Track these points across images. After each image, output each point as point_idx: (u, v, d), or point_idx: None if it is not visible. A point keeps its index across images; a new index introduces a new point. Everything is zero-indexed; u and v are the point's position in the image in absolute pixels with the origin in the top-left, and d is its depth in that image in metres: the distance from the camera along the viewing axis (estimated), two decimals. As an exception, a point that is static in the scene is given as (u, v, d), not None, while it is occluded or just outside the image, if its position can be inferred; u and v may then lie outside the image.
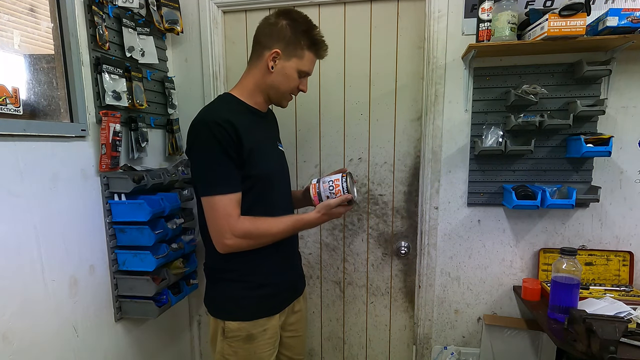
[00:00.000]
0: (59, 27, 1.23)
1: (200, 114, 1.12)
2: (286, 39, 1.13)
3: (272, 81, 1.16)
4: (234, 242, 1.08)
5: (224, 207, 1.06)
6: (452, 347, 1.75)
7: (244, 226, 1.08)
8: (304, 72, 1.18)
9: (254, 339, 1.17)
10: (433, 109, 1.61)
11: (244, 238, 1.09)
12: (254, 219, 1.11)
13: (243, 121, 1.11)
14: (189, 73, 1.80)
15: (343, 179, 1.17)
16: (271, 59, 1.13)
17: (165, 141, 1.76)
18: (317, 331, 1.97)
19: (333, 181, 1.17)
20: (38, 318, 1.15)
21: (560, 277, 1.34)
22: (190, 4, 1.74)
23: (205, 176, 1.07)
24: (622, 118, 1.50)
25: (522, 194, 1.47)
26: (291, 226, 1.16)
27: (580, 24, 1.26)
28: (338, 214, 1.18)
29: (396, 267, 1.84)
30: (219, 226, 1.08)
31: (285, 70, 1.15)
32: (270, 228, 1.12)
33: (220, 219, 1.07)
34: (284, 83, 1.17)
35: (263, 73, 1.16)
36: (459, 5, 1.54)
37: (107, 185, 1.37)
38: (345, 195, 1.16)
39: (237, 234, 1.07)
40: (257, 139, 1.15)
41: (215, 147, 1.04)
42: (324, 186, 1.18)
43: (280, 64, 1.14)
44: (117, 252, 1.42)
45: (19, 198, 1.09)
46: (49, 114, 1.22)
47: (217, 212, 1.07)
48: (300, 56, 1.15)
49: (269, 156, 1.22)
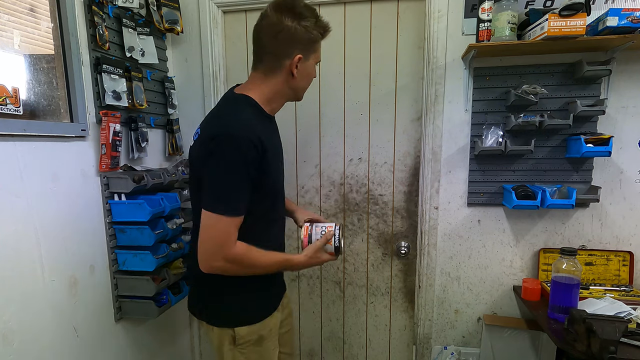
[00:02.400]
0: (59, 27, 1.23)
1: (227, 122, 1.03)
2: (304, 41, 1.07)
3: (297, 84, 1.13)
4: (221, 265, 1.02)
5: (226, 229, 1.00)
6: (452, 347, 1.75)
7: (237, 251, 1.02)
8: (318, 62, 1.16)
9: (264, 340, 1.16)
10: (433, 109, 1.61)
11: (232, 263, 1.03)
12: (249, 247, 1.05)
13: (265, 131, 1.08)
14: (189, 73, 1.80)
15: (337, 227, 1.18)
16: (295, 66, 1.07)
17: (165, 141, 1.76)
18: (317, 331, 1.97)
19: (327, 227, 1.19)
20: (38, 318, 1.15)
21: (560, 277, 1.34)
22: (190, 4, 1.74)
23: (219, 192, 1.01)
24: (622, 118, 1.50)
25: (522, 194, 1.47)
26: (279, 264, 1.13)
27: (580, 24, 1.26)
28: (323, 260, 1.18)
29: (396, 267, 1.84)
30: (213, 246, 1.01)
31: (307, 69, 1.12)
32: (260, 260, 1.08)
33: (217, 239, 1.01)
34: (307, 81, 1.16)
35: (285, 80, 1.10)
36: (459, 5, 1.54)
37: (107, 185, 1.37)
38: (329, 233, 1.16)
39: (227, 258, 1.02)
40: (274, 150, 1.13)
41: (240, 167, 0.99)
42: (316, 230, 1.19)
43: (302, 66, 1.09)
44: (117, 252, 1.42)
45: (19, 198, 1.09)
46: (49, 114, 1.22)
47: (218, 231, 1.00)
48: (316, 49, 1.12)
49: (280, 165, 1.21)
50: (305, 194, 1.87)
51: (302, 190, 1.87)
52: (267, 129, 1.12)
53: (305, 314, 1.97)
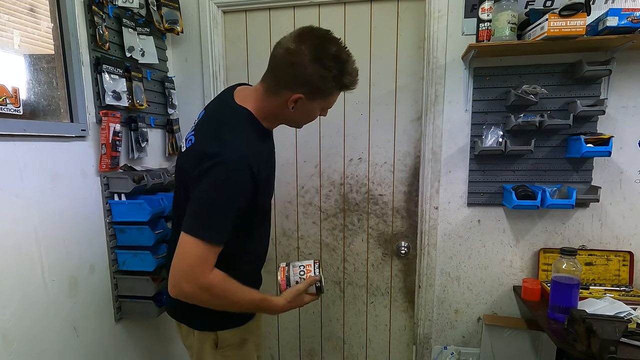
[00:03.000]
0: (59, 27, 1.23)
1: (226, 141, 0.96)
2: (312, 86, 0.98)
3: (292, 116, 1.06)
4: (191, 291, 0.94)
5: (201, 253, 0.93)
6: (452, 347, 1.75)
7: (212, 279, 0.94)
8: (327, 109, 1.09)
9: (246, 343, 1.15)
10: (433, 109, 1.61)
11: (204, 291, 0.95)
12: (226, 277, 0.97)
13: (263, 151, 1.04)
14: (189, 73, 1.80)
15: (316, 265, 1.11)
16: (292, 102, 1.00)
17: (165, 141, 1.76)
18: (317, 331, 1.97)
19: (305, 266, 1.11)
20: (38, 318, 1.15)
21: (560, 277, 1.34)
22: (190, 4, 1.74)
23: (204, 217, 0.94)
24: (622, 118, 1.50)
25: (522, 194, 1.47)
26: (256, 304, 1.05)
27: (580, 24, 1.26)
28: (304, 303, 1.11)
29: (396, 267, 1.84)
30: (187, 268, 0.93)
31: (307, 109, 1.04)
32: (234, 295, 1.00)
33: (191, 261, 0.93)
34: (304, 119, 1.09)
35: (281, 108, 1.03)
36: (459, 5, 1.54)
37: (107, 185, 1.37)
38: (313, 277, 1.08)
39: (200, 285, 0.94)
40: (269, 171, 1.09)
41: (232, 197, 0.94)
42: (294, 271, 1.10)
43: (302, 104, 1.01)
44: (117, 252, 1.42)
45: (19, 198, 1.09)
46: (49, 114, 1.22)
47: (192, 255, 0.93)
48: (327, 97, 1.03)
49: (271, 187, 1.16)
50: (305, 194, 1.87)
51: (302, 190, 1.87)
52: (266, 149, 1.08)
53: (305, 314, 1.97)
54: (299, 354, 2.02)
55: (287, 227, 1.91)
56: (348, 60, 1.00)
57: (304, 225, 1.90)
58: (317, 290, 1.11)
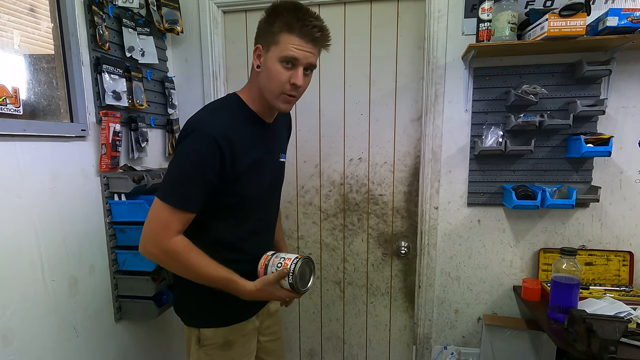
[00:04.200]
0: (59, 27, 1.23)
1: (202, 116, 1.03)
2: (263, 30, 1.02)
3: (262, 81, 1.03)
4: (155, 253, 0.99)
5: (166, 217, 0.97)
6: (452, 347, 1.75)
7: (173, 245, 0.98)
8: (284, 58, 0.98)
9: (232, 345, 1.12)
10: (433, 109, 1.61)
11: (166, 255, 0.99)
12: (191, 247, 0.99)
13: (244, 136, 1.03)
14: (189, 73, 1.80)
15: (296, 260, 1.05)
16: (256, 56, 1.04)
17: (165, 141, 1.76)
18: (317, 331, 1.97)
19: (285, 259, 1.06)
20: (38, 318, 1.15)
21: (560, 277, 1.34)
22: (190, 4, 1.74)
23: (170, 181, 1.00)
24: (622, 118, 1.50)
25: (522, 194, 1.47)
26: (221, 281, 1.03)
27: (580, 24, 1.26)
28: (278, 297, 1.08)
29: (396, 267, 1.84)
30: (150, 231, 0.99)
31: (267, 63, 1.00)
32: (197, 265, 1.00)
33: (156, 225, 0.98)
34: (271, 79, 1.01)
35: (256, 75, 1.05)
36: (459, 5, 1.54)
37: (107, 185, 1.37)
38: (282, 270, 1.03)
39: (161, 248, 0.98)
40: (254, 158, 1.06)
41: (196, 164, 0.97)
42: (274, 261, 1.07)
43: (263, 60, 1.02)
44: (117, 252, 1.42)
45: (19, 198, 1.09)
46: (49, 114, 1.22)
47: (158, 219, 0.98)
48: (277, 42, 0.98)
49: (262, 177, 1.11)
50: (305, 194, 1.87)
51: (302, 190, 1.87)
52: (250, 132, 1.06)
53: (305, 314, 1.97)
54: (299, 354, 2.02)
55: (287, 227, 1.91)
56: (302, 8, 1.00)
57: (304, 225, 1.90)
58: (290, 286, 1.04)
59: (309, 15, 1.00)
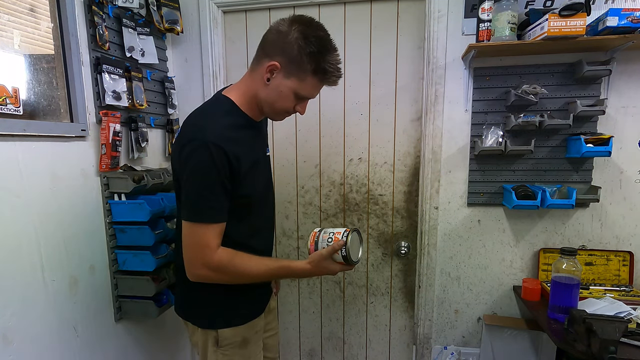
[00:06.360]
0: (59, 27, 1.23)
1: (202, 123, 1.01)
2: (290, 56, 0.97)
3: (266, 96, 1.03)
4: (205, 273, 1.01)
5: (202, 237, 0.98)
6: (452, 347, 1.75)
7: (219, 259, 0.99)
8: (302, 96, 1.03)
9: (248, 343, 1.14)
10: (433, 109, 1.61)
11: (217, 272, 1.00)
12: (234, 253, 1.02)
13: (243, 139, 1.03)
14: (189, 73, 1.80)
15: (346, 233, 1.07)
16: (268, 70, 1.00)
17: (165, 141, 1.76)
18: (317, 331, 1.97)
19: (335, 233, 1.08)
20: (38, 318, 1.15)
21: (560, 277, 1.34)
22: (190, 4, 1.74)
23: (193, 200, 0.98)
24: (622, 118, 1.50)
25: (522, 194, 1.47)
26: (275, 272, 1.08)
27: (580, 24, 1.26)
28: (332, 270, 1.08)
29: (396, 267, 1.84)
30: (193, 255, 1.00)
31: (280, 87, 1.01)
32: (248, 268, 1.03)
33: (196, 248, 0.99)
34: (278, 101, 1.03)
35: (259, 83, 1.03)
36: (459, 5, 1.54)
37: (107, 185, 1.37)
38: (336, 243, 1.05)
39: (210, 266, 0.99)
40: (253, 159, 1.07)
41: (212, 174, 0.96)
42: (323, 237, 1.09)
43: (277, 79, 1.00)
44: (117, 252, 1.42)
45: (19, 198, 1.09)
46: (49, 114, 1.22)
47: (195, 240, 0.99)
48: (302, 79, 0.99)
49: (260, 176, 1.14)
50: (305, 194, 1.87)
51: (302, 190, 1.87)
52: (246, 135, 1.06)
53: (305, 314, 1.97)
54: (299, 354, 2.02)
55: (287, 227, 1.91)
56: (331, 48, 1.00)
57: (304, 225, 1.90)
58: (343, 259, 1.06)
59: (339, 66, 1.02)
